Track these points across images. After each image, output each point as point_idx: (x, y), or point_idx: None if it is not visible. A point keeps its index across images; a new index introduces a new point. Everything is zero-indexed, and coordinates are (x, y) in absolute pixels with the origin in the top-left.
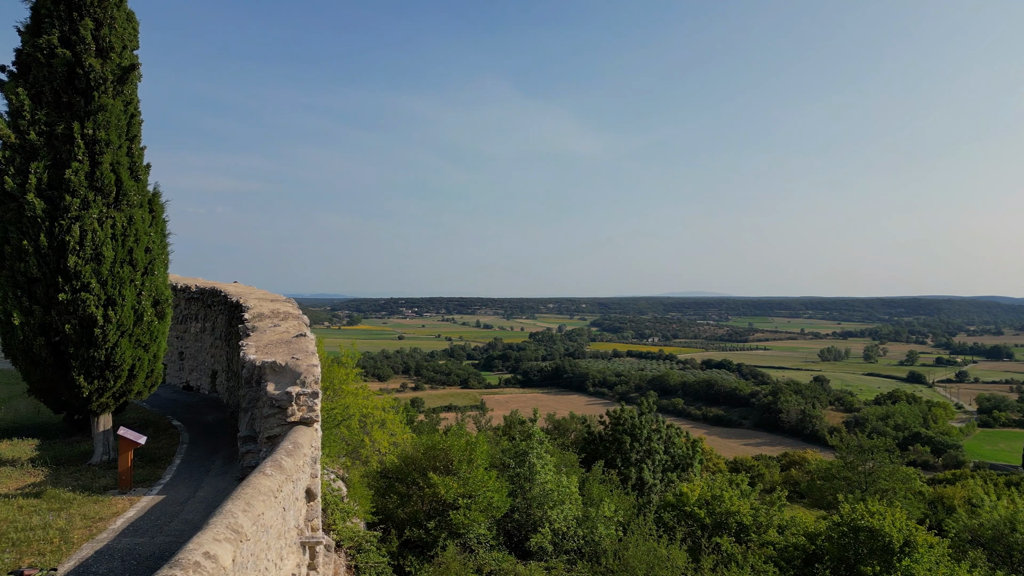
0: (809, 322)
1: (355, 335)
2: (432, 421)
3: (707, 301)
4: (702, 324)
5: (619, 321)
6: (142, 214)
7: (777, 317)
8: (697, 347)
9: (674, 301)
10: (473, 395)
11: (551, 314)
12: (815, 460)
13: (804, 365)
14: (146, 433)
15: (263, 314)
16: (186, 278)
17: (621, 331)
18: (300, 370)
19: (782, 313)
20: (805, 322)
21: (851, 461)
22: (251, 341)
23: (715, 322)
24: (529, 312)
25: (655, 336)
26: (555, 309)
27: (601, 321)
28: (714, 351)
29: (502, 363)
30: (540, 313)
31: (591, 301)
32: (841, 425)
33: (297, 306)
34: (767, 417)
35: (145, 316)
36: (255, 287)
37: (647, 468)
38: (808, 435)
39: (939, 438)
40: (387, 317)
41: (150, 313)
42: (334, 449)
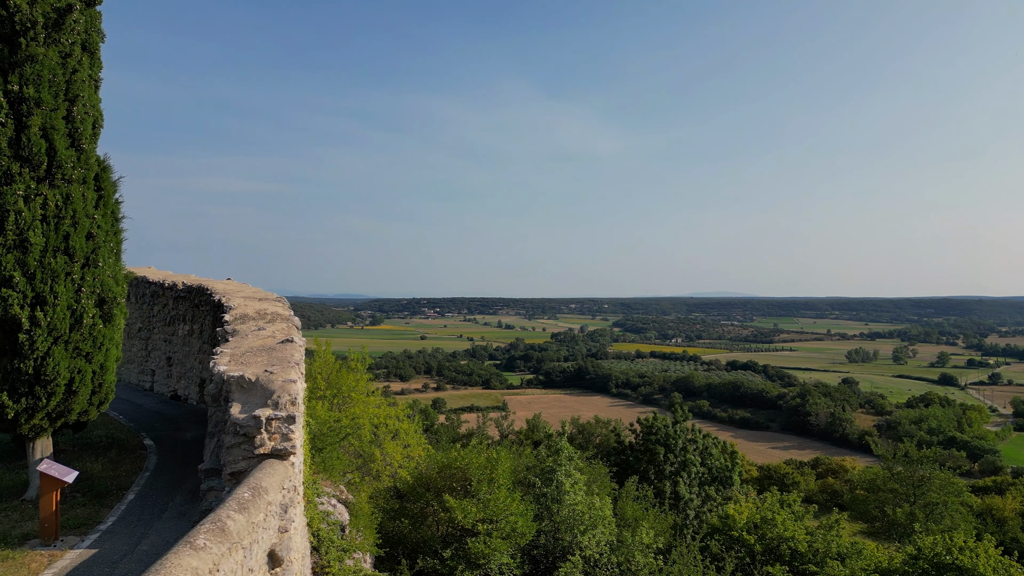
0: (836, 323)
1: (378, 335)
2: (453, 423)
3: (731, 301)
4: (726, 325)
5: (642, 322)
6: (83, 192)
7: (803, 318)
8: (721, 348)
9: (697, 301)
10: (495, 396)
11: (573, 314)
12: (853, 467)
13: (831, 366)
14: (109, 455)
15: (246, 315)
16: (176, 275)
17: (644, 332)
18: (273, 387)
19: (808, 314)
20: (832, 323)
21: (898, 472)
22: (227, 348)
23: (739, 323)
24: (551, 312)
25: (678, 337)
26: (577, 309)
27: (623, 322)
28: (739, 352)
29: (524, 364)
30: (562, 313)
31: (613, 301)
32: (872, 428)
33: (288, 306)
34: (795, 420)
35: (85, 318)
36: (248, 284)
37: (683, 481)
38: (838, 439)
39: (975, 443)
40: (409, 317)
41: (92, 314)
42: (338, 466)
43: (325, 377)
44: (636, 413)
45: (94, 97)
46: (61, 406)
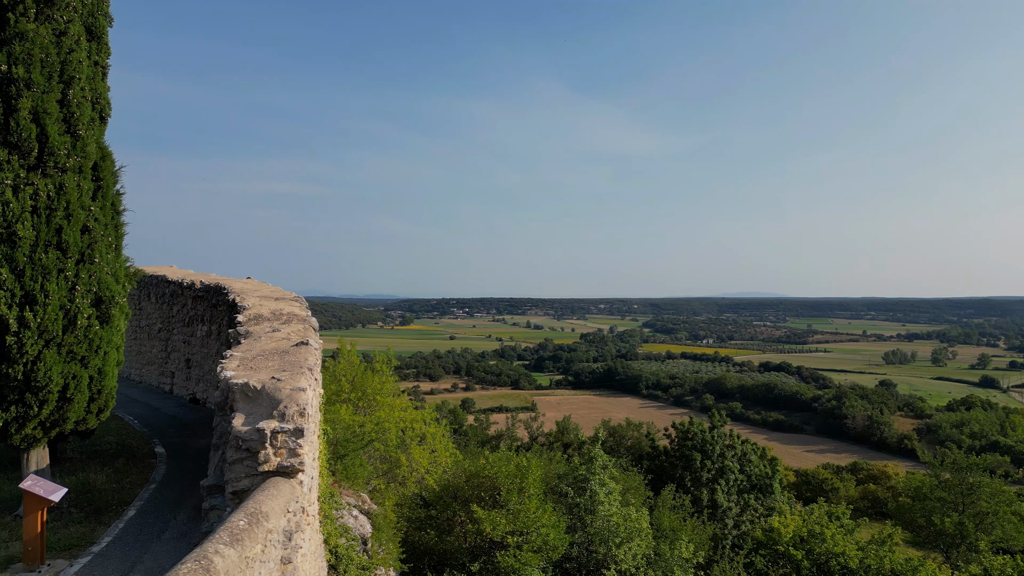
0: (871, 323)
1: (408, 335)
2: (482, 424)
3: (763, 302)
4: (758, 325)
5: (672, 322)
6: (79, 181)
7: (837, 318)
8: (754, 349)
9: (729, 302)
10: (524, 396)
11: (602, 315)
12: (896, 474)
13: (868, 368)
14: (115, 464)
15: (261, 316)
16: (196, 274)
17: (674, 332)
18: (280, 396)
19: (842, 314)
20: (867, 323)
21: (946, 479)
22: (238, 351)
23: (772, 323)
24: (580, 313)
25: (710, 338)
26: (606, 310)
27: (653, 322)
28: (772, 353)
29: (553, 364)
30: (591, 314)
31: (643, 302)
32: (912, 432)
33: (306, 306)
34: (831, 423)
35: (80, 319)
36: (268, 283)
37: (720, 489)
38: (876, 443)
39: (1019, 447)
40: (439, 317)
41: (88, 315)
42: (361, 474)
43: (350, 379)
44: (667, 415)
45: (101, 84)
46: (55, 415)
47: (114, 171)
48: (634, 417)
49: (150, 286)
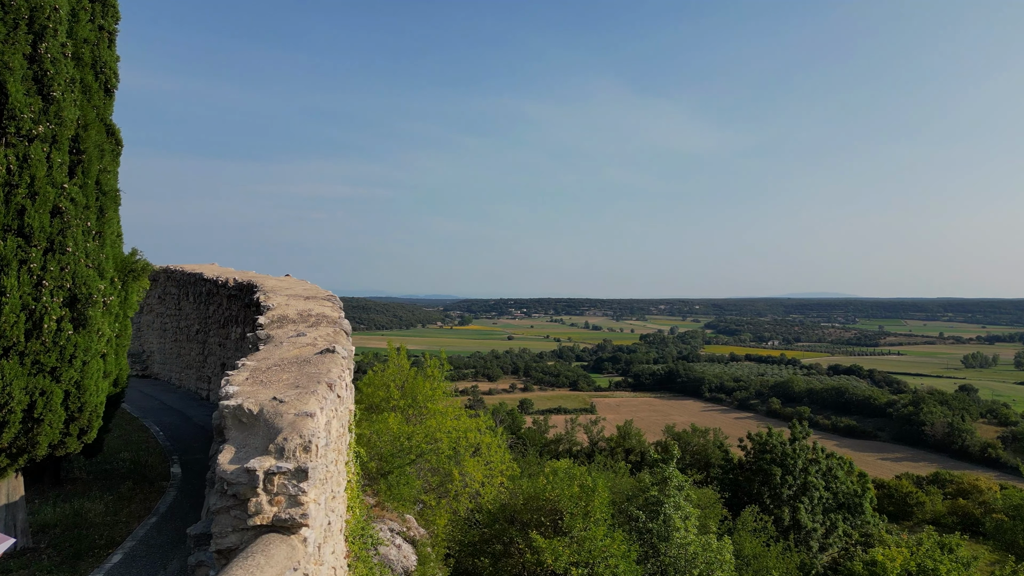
0: (948, 325)
1: (466, 335)
2: (540, 427)
3: (831, 302)
4: (826, 327)
5: (735, 323)
6: (50, 153)
7: (911, 320)
8: (822, 351)
9: (795, 302)
10: (582, 398)
11: (662, 315)
12: (989, 488)
13: (945, 372)
14: (120, 489)
15: (285, 317)
16: (235, 271)
17: (738, 334)
18: (280, 424)
19: (917, 315)
20: (944, 325)
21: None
22: (252, 359)
23: (841, 325)
24: (639, 313)
25: (775, 339)
26: (666, 310)
27: (716, 323)
28: (841, 356)
29: (612, 365)
30: (651, 314)
31: (705, 302)
32: (996, 440)
33: (339, 306)
34: (907, 429)
35: (48, 322)
36: (306, 281)
37: (804, 508)
38: (957, 451)
39: None
40: (497, 318)
41: (58, 317)
42: (408, 493)
43: (399, 385)
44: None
45: (106, 52)
46: (21, 439)
47: (101, 145)
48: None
49: (188, 285)
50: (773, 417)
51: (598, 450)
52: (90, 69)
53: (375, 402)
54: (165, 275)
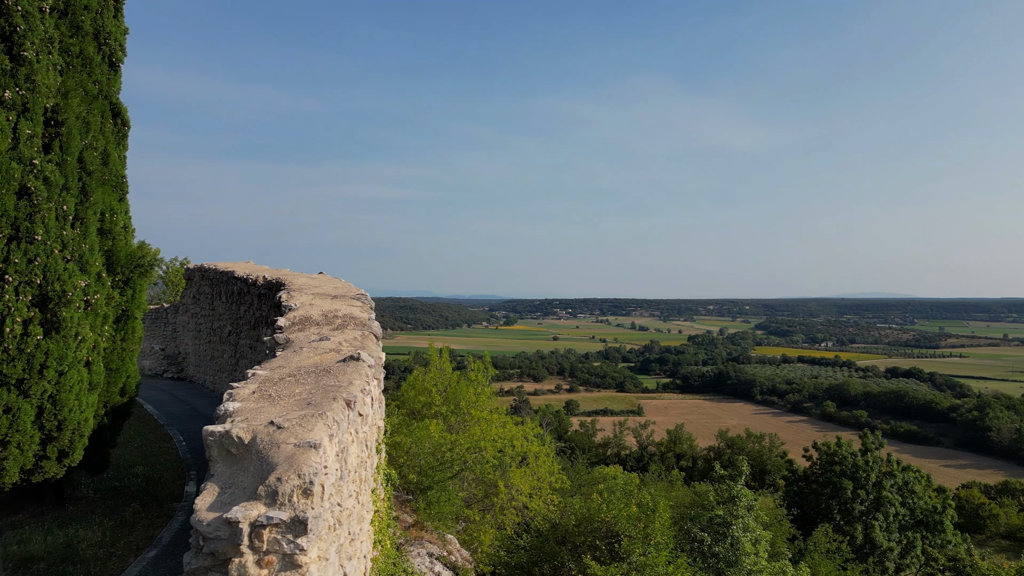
0: (1013, 326)
1: (511, 335)
2: (587, 431)
3: (888, 302)
4: (883, 328)
5: (787, 324)
6: (16, 123)
7: (973, 321)
8: (879, 353)
9: (850, 303)
10: (629, 399)
11: (711, 316)
12: None
13: (1012, 375)
14: (124, 513)
15: (308, 319)
16: (269, 270)
17: (789, 335)
18: (275, 458)
19: (979, 316)
20: (1008, 326)
21: None
22: (266, 368)
23: (898, 326)
24: (687, 314)
25: (829, 341)
26: (715, 311)
27: (767, 324)
28: (899, 358)
29: (659, 367)
30: (699, 315)
31: (755, 302)
32: None
33: (369, 306)
34: (971, 435)
35: (10, 325)
36: (340, 279)
37: (878, 526)
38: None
39: None
40: (542, 318)
41: (25, 319)
42: (449, 510)
43: (441, 390)
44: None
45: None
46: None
47: (86, 118)
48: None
49: (220, 284)
50: (828, 421)
51: (648, 455)
52: (91, 39)
53: (416, 408)
54: (200, 273)
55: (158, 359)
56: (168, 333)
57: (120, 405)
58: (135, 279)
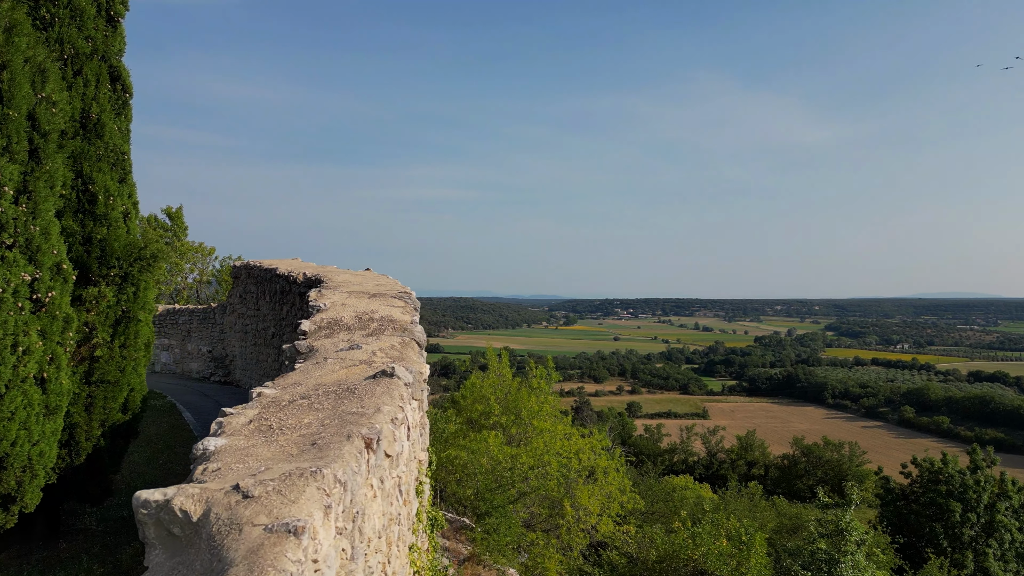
0: None
1: (571, 335)
2: (653, 435)
3: (969, 302)
4: (964, 329)
5: (859, 325)
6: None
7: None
8: (959, 356)
9: (927, 303)
10: (694, 402)
11: (778, 317)
12: None
13: None
14: (121, 555)
15: (338, 322)
16: (316, 267)
17: (862, 336)
18: (234, 552)
19: None
20: None
21: None
22: (275, 387)
23: (981, 327)
24: (753, 314)
25: (904, 343)
26: (783, 311)
27: (838, 325)
28: (982, 361)
29: (724, 368)
30: (765, 315)
31: (825, 303)
32: None
33: (413, 307)
34: None
35: None
36: (388, 276)
37: (991, 554)
38: None
39: None
40: (602, 318)
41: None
42: (510, 539)
43: (501, 398)
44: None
45: None
46: None
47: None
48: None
49: (264, 282)
50: (906, 427)
51: (717, 462)
52: None
53: (473, 416)
54: (246, 271)
55: (205, 361)
56: (216, 334)
57: (121, 424)
58: (135, 275)
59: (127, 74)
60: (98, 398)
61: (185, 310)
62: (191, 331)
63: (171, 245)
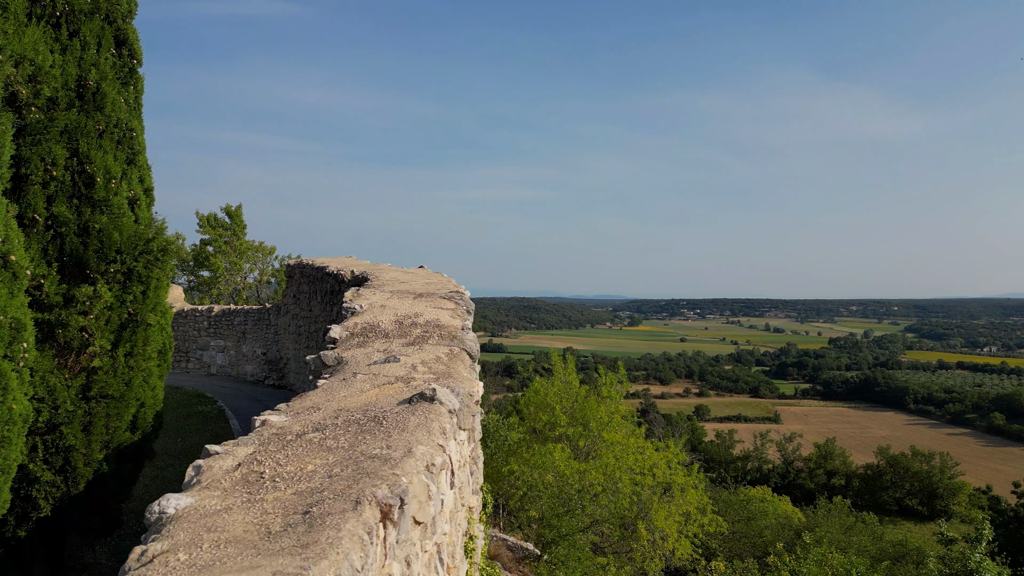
0: None
1: (636, 336)
2: (724, 442)
3: None
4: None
5: (942, 326)
6: None
7: None
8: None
9: (1017, 303)
10: (765, 405)
11: (854, 317)
12: None
13: None
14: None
15: (375, 327)
16: (369, 265)
17: (946, 338)
18: None
19: None
20: None
21: None
22: (286, 413)
23: None
24: (827, 315)
25: (992, 345)
26: (859, 312)
27: (918, 326)
28: None
29: (797, 371)
30: (840, 316)
31: (904, 303)
32: None
33: (465, 309)
34: None
35: None
36: (443, 274)
37: None
38: None
39: None
40: (668, 318)
41: None
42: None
43: (567, 408)
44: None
45: None
46: None
47: None
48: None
49: (316, 281)
50: (996, 435)
51: (794, 470)
52: None
53: (537, 426)
54: (299, 271)
55: (259, 364)
56: (270, 336)
57: (129, 445)
58: (141, 271)
59: (136, 38)
60: (98, 416)
61: (240, 311)
62: (246, 332)
63: (230, 244)
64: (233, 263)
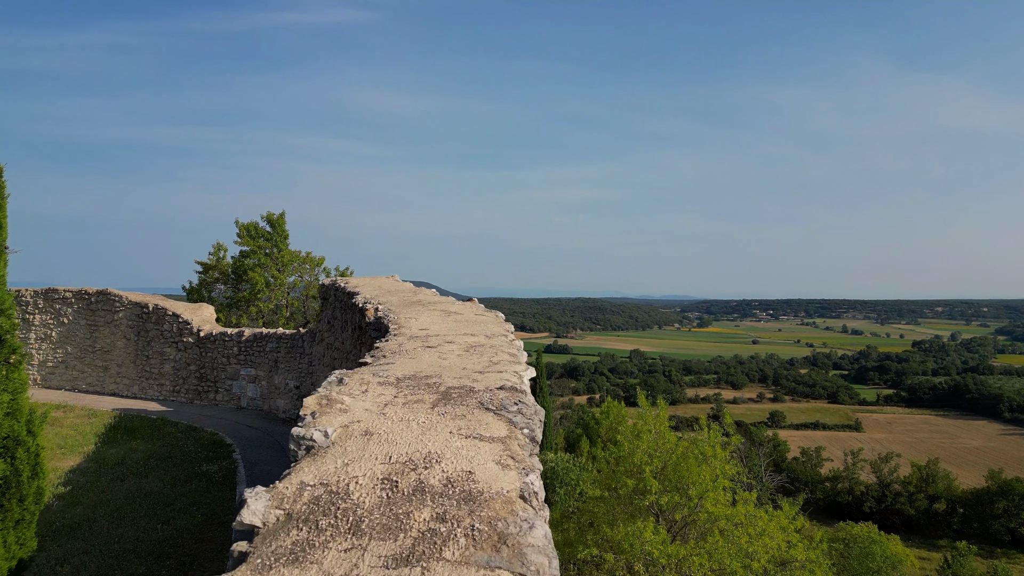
0: None
1: (705, 337)
2: (811, 460)
3: None
4: None
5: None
6: None
7: None
8: None
9: None
10: (844, 412)
11: (939, 319)
12: None
13: None
14: None
15: (342, 498)
16: (410, 287)
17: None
18: None
19: None
20: None
21: None
22: None
23: None
24: (909, 316)
25: None
26: (944, 313)
27: (1011, 328)
28: None
29: (878, 376)
30: (924, 317)
31: (995, 303)
32: None
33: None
34: None
35: None
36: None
37: None
38: None
39: None
40: (739, 320)
41: None
42: None
43: (657, 469)
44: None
45: None
46: None
47: None
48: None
49: (347, 309)
50: None
51: (891, 494)
52: None
53: (622, 492)
54: (333, 293)
55: (292, 399)
56: (303, 367)
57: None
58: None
59: None
60: None
61: (273, 335)
62: (278, 361)
63: (270, 256)
64: (275, 277)
